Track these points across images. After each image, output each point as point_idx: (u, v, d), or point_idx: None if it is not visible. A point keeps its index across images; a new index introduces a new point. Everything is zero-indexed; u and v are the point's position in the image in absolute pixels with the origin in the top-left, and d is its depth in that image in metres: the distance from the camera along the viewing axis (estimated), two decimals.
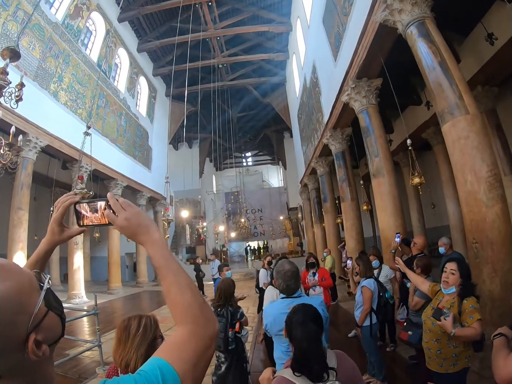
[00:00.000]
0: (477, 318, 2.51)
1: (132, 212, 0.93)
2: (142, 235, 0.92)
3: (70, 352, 5.66)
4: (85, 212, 1.01)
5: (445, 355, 2.66)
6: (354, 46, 7.38)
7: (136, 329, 1.74)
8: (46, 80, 10.65)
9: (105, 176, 14.82)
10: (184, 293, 0.86)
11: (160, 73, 19.75)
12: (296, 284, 2.58)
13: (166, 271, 0.88)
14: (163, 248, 0.92)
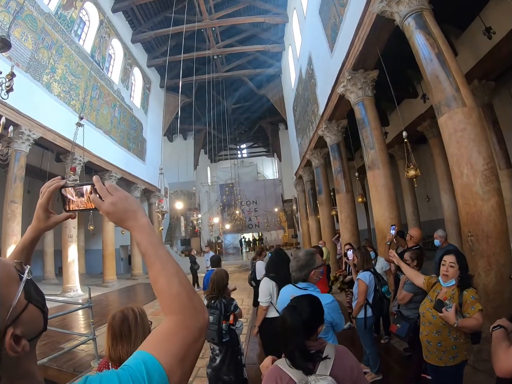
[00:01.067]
0: (478, 308, 2.52)
1: (118, 197, 0.89)
2: (129, 220, 0.89)
3: (64, 346, 5.65)
4: (71, 196, 0.98)
5: (445, 348, 2.66)
6: (351, 38, 7.31)
7: (135, 320, 1.70)
8: (38, 71, 10.47)
9: (99, 168, 14.69)
10: (172, 281, 0.82)
11: (155, 64, 19.52)
12: (297, 273, 2.54)
13: (153, 258, 0.84)
14: (151, 234, 0.88)
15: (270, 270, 3.98)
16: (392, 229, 5.20)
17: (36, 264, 16.85)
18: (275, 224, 27.25)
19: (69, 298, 11.44)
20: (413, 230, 5.02)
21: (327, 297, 2.45)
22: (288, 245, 24.33)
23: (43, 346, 5.82)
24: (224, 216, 25.84)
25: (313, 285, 2.52)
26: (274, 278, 3.80)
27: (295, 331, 1.64)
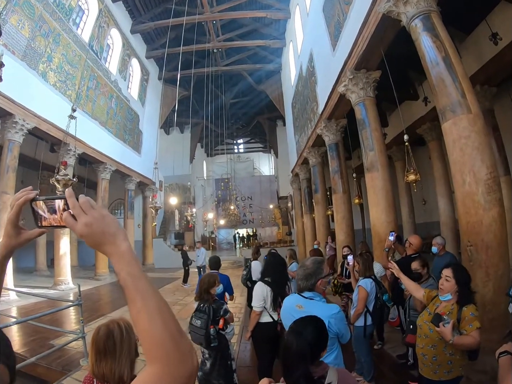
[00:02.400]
0: (476, 326, 2.43)
1: (94, 216, 0.77)
2: (106, 245, 0.77)
3: (54, 342, 5.55)
4: (42, 212, 0.85)
5: (440, 362, 2.59)
6: (355, 36, 7.21)
7: (121, 335, 1.59)
8: (34, 60, 10.21)
9: (94, 160, 14.49)
10: (154, 322, 0.71)
11: (154, 56, 19.23)
12: (304, 283, 2.40)
13: (133, 293, 0.73)
14: (131, 263, 0.77)
15: (266, 274, 3.88)
16: (391, 235, 5.13)
17: (28, 255, 16.71)
18: (269, 220, 27.22)
19: (60, 291, 11.31)
20: (413, 237, 4.95)
21: (333, 308, 2.36)
22: (282, 243, 24.29)
23: (32, 342, 5.72)
24: (218, 211, 25.77)
25: (319, 295, 2.41)
26: (269, 283, 3.71)
27: (301, 358, 1.54)
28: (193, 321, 3.44)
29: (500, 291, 4.10)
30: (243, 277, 6.97)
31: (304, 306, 2.28)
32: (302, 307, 2.27)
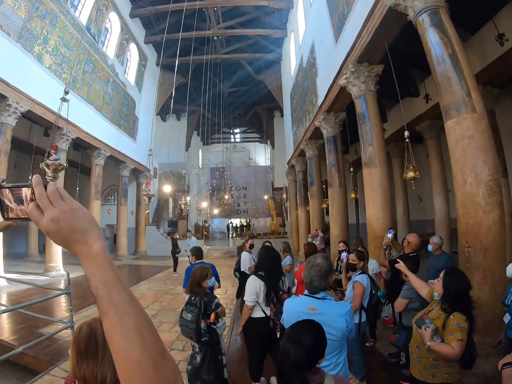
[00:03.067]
0: (458, 337, 2.35)
1: (63, 210, 0.66)
2: (76, 244, 0.67)
3: (42, 330, 5.50)
4: (8, 201, 0.73)
5: (424, 364, 2.59)
6: (359, 29, 7.07)
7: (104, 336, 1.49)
8: (30, 41, 9.98)
9: (88, 145, 14.31)
10: (132, 343, 0.60)
11: (152, 41, 18.92)
12: (321, 283, 2.28)
13: (106, 305, 0.62)
14: (104, 267, 0.66)
15: (259, 268, 3.80)
16: (389, 232, 5.08)
17: (20, 240, 16.59)
18: (263, 211, 27.22)
19: (51, 277, 11.26)
20: (411, 236, 4.89)
21: (346, 305, 2.33)
22: (275, 234, 24.29)
23: (21, 330, 5.67)
24: (213, 200, 25.70)
25: (327, 294, 2.34)
26: (263, 277, 3.63)
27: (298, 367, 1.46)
28: (184, 315, 3.37)
29: (496, 295, 4.08)
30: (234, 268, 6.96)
31: (318, 307, 2.19)
32: (315, 309, 2.18)
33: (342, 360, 2.20)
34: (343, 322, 2.14)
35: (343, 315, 2.16)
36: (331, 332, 2.10)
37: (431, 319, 2.55)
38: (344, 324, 2.14)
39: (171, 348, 5.23)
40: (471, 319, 2.49)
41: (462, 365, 2.54)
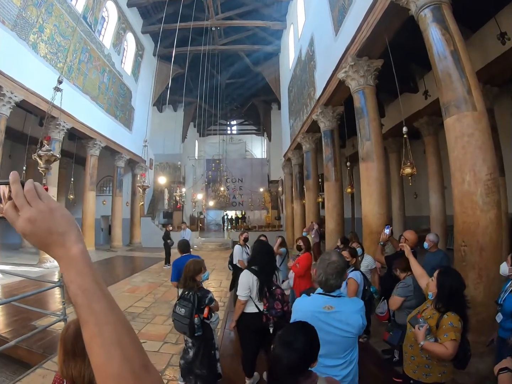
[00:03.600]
0: (451, 337, 2.35)
1: (40, 210, 0.63)
2: (53, 247, 0.63)
3: (36, 323, 5.46)
4: None
5: (418, 363, 2.60)
6: (359, 22, 6.99)
7: None
8: (25, 30, 9.78)
9: (83, 135, 14.15)
10: (111, 355, 0.57)
11: (150, 31, 18.66)
12: (337, 281, 2.22)
13: (85, 314, 0.59)
14: (84, 273, 0.61)
15: (253, 262, 3.77)
16: (387, 228, 5.06)
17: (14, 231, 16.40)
18: (259, 204, 27.23)
19: (46, 269, 11.24)
20: (409, 233, 4.87)
21: (359, 301, 2.31)
22: (270, 227, 24.32)
23: (14, 322, 5.64)
24: (208, 192, 25.66)
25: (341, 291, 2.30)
26: (256, 272, 3.60)
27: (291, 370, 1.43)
28: (177, 310, 3.36)
29: (491, 294, 4.08)
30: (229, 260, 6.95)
31: (334, 306, 2.15)
32: (332, 308, 2.14)
33: (355, 357, 2.18)
34: (359, 318, 2.12)
35: (358, 311, 2.15)
36: (348, 329, 2.10)
37: (424, 318, 2.55)
38: (360, 321, 2.12)
39: (164, 341, 5.22)
40: (465, 318, 2.49)
41: (455, 364, 2.55)
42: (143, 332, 5.62)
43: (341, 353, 2.12)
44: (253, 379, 3.79)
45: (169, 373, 4.16)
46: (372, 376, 4.26)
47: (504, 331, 3.22)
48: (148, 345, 5.00)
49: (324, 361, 2.05)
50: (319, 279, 2.27)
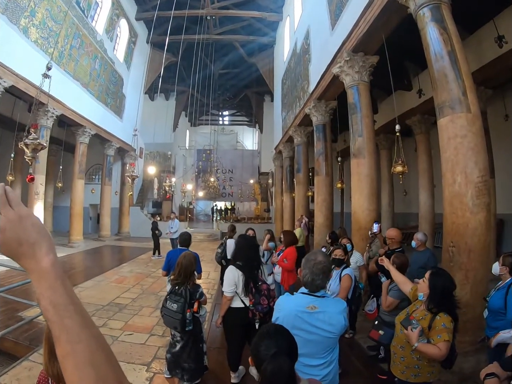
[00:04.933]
0: (444, 338, 2.38)
1: (9, 218, 0.59)
2: (24, 258, 0.59)
3: (23, 314, 5.41)
4: None
5: (407, 364, 2.61)
6: (356, 17, 6.93)
7: None
8: (16, 14, 9.53)
9: (73, 122, 13.89)
10: (84, 375, 0.54)
11: (144, 18, 18.33)
12: (323, 281, 2.22)
13: (57, 330, 0.56)
14: (55, 287, 0.58)
15: (237, 258, 3.76)
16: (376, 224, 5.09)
17: None
18: (248, 195, 27.16)
19: None
20: (392, 231, 4.93)
21: (342, 301, 2.31)
22: (259, 219, 24.32)
23: (0, 313, 5.54)
24: (198, 182, 25.52)
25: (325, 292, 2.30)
26: (241, 267, 3.60)
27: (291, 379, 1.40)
28: (168, 305, 3.33)
29: (477, 295, 4.15)
30: (217, 255, 6.92)
31: (318, 306, 2.14)
32: (315, 308, 2.13)
33: (335, 357, 2.19)
34: (342, 319, 2.13)
35: (342, 312, 2.16)
36: (330, 330, 2.10)
37: (416, 319, 2.56)
38: (343, 321, 2.13)
39: (151, 333, 5.20)
40: (455, 318, 2.51)
41: (443, 364, 2.57)
42: (130, 323, 5.60)
43: (322, 353, 2.13)
44: (238, 373, 3.81)
45: (156, 366, 4.15)
46: (357, 372, 4.30)
47: (490, 330, 3.30)
48: (135, 337, 4.98)
49: (305, 360, 2.06)
50: (305, 280, 2.26)
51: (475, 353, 4.00)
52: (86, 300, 6.68)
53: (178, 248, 5.09)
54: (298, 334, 2.04)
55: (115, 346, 4.61)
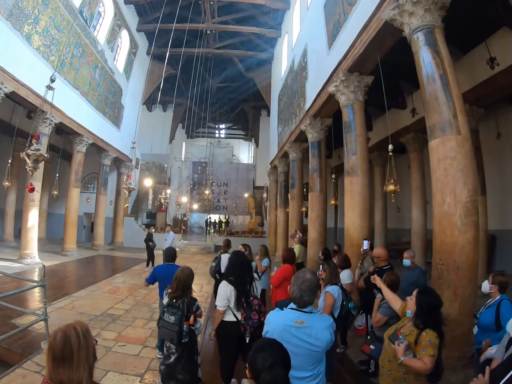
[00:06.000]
0: (429, 353, 2.44)
1: None
2: None
3: (16, 322, 5.39)
4: None
5: (394, 377, 2.66)
6: (353, 39, 7.12)
7: (78, 341, 1.47)
8: (20, 20, 9.65)
9: (71, 130, 13.92)
10: None
11: (145, 29, 18.55)
12: (311, 297, 2.33)
13: None
14: None
15: (230, 274, 3.84)
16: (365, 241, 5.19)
17: None
18: (243, 209, 27.20)
19: (26, 265, 10.96)
20: (378, 250, 5.06)
21: (328, 318, 2.42)
22: (253, 233, 24.35)
23: None
24: (193, 195, 25.55)
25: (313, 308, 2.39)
26: (233, 282, 3.67)
27: None
28: (166, 317, 3.37)
29: (465, 312, 4.24)
30: (211, 269, 6.92)
31: (306, 321, 2.24)
32: (303, 323, 2.23)
33: (322, 370, 2.28)
34: (328, 334, 2.22)
35: (328, 327, 2.25)
36: (316, 344, 2.19)
37: (404, 335, 2.63)
38: (329, 336, 2.22)
39: (144, 345, 5.20)
40: (440, 335, 2.58)
41: (429, 378, 2.63)
42: (123, 334, 5.59)
43: (308, 366, 2.21)
44: None
45: (149, 377, 4.16)
46: None
47: (479, 345, 3.39)
48: (128, 349, 4.98)
49: (293, 372, 2.12)
50: (293, 296, 2.36)
51: (463, 368, 4.06)
52: (80, 310, 6.68)
53: (166, 264, 5.08)
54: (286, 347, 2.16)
55: (109, 357, 4.62)
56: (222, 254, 6.95)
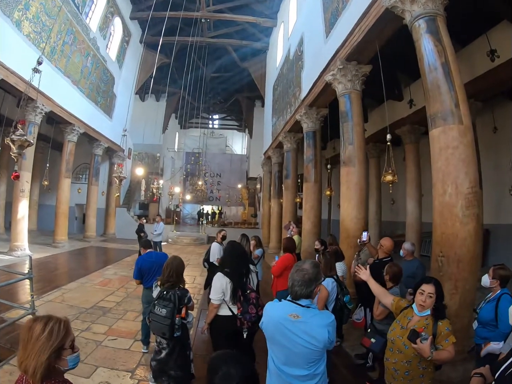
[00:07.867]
0: (452, 341, 2.44)
1: None
2: None
3: (5, 316, 5.23)
4: None
5: (412, 377, 2.56)
6: (351, 26, 6.96)
7: (40, 333, 1.42)
8: (10, 6, 9.35)
9: (62, 119, 13.63)
10: None
11: (138, 17, 18.22)
12: (302, 289, 2.13)
13: None
14: None
15: (225, 265, 3.69)
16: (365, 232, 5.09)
17: None
18: (236, 200, 27.12)
19: (16, 257, 10.78)
20: (385, 240, 4.92)
21: (329, 315, 2.21)
22: (246, 224, 24.32)
23: None
24: (186, 185, 25.40)
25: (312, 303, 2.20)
26: (229, 274, 3.53)
27: None
28: (157, 310, 3.23)
29: (465, 305, 4.18)
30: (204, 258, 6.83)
31: (301, 315, 2.08)
32: (298, 317, 2.07)
33: (321, 371, 2.10)
34: (325, 333, 2.03)
35: (326, 325, 2.06)
36: (312, 342, 2.02)
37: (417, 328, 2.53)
38: (326, 335, 2.03)
39: (135, 338, 5.08)
40: None
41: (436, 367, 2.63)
42: (114, 328, 5.48)
43: (304, 364, 2.06)
44: None
45: (140, 372, 4.05)
46: (345, 381, 4.27)
47: (479, 339, 3.37)
48: (119, 343, 4.87)
49: (286, 368, 2.05)
50: (288, 285, 2.24)
51: (463, 362, 4.00)
52: (70, 303, 6.55)
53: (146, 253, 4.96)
54: (279, 340, 2.06)
55: (99, 352, 4.50)
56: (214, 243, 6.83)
